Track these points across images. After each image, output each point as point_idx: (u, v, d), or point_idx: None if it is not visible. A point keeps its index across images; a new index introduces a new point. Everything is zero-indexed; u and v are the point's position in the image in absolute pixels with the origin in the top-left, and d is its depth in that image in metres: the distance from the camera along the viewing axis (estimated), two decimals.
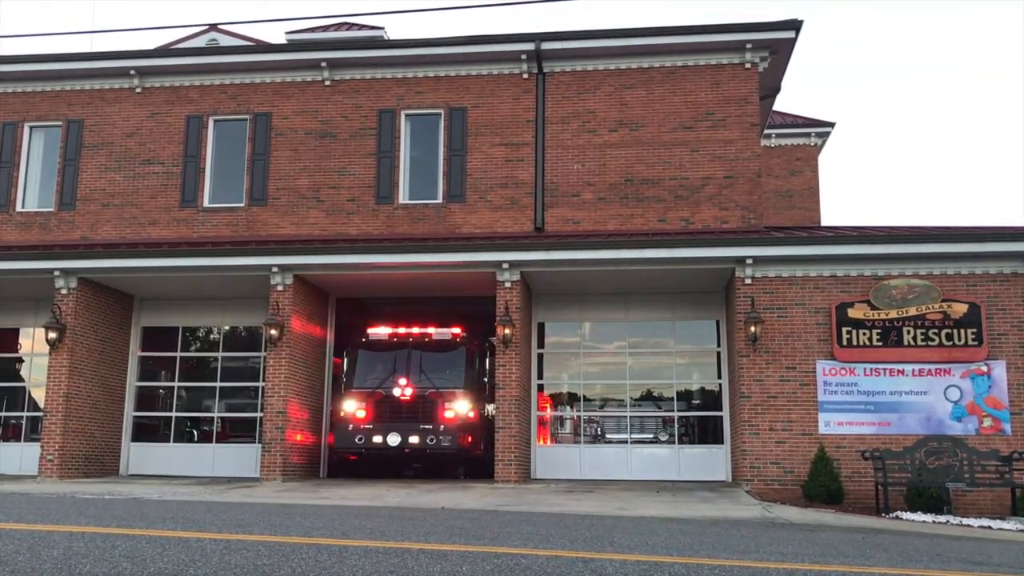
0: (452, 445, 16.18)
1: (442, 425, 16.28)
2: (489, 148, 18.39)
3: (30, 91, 19.92)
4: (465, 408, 16.59)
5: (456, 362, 17.02)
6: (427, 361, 16.90)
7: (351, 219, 18.49)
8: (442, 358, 16.97)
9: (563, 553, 5.30)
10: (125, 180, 19.18)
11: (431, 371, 16.76)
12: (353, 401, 16.92)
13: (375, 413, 16.62)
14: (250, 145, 19.10)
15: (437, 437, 16.18)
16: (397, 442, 16.23)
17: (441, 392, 16.60)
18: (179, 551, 4.50)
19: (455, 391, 16.68)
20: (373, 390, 16.88)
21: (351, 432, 16.66)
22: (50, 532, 5.24)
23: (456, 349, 17.16)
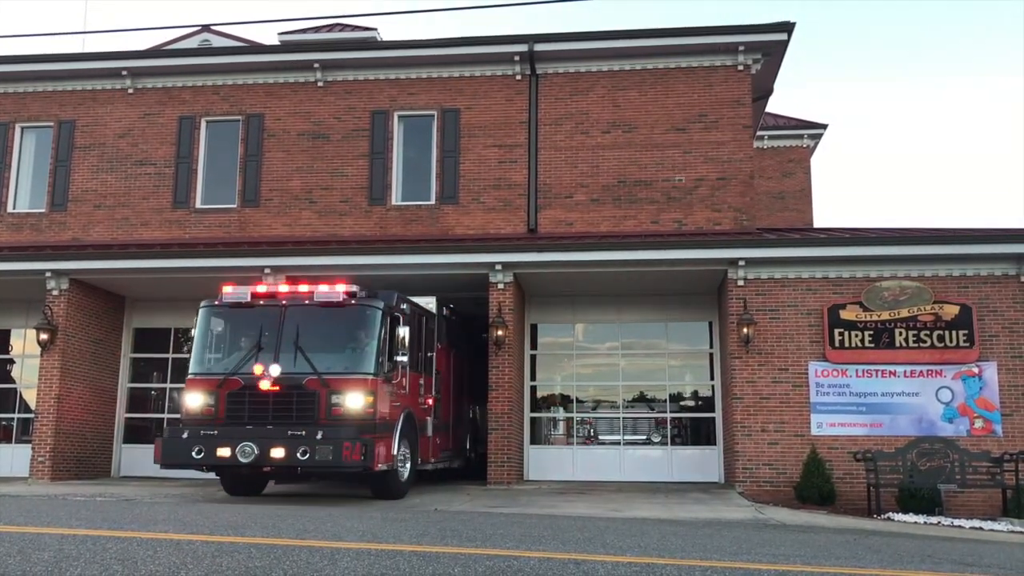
0: (338, 458, 11.00)
1: (322, 430, 11.26)
2: (482, 149, 18.39)
3: (21, 92, 19.85)
4: (361, 402, 11.49)
5: (355, 335, 12.16)
6: (308, 334, 11.96)
7: (344, 220, 18.47)
8: (332, 330, 12.17)
9: (555, 555, 5.31)
10: (117, 181, 19.13)
11: (314, 348, 11.77)
12: (196, 395, 11.95)
13: (226, 411, 11.74)
14: (243, 146, 19.07)
15: (313, 447, 11.07)
16: (251, 457, 11.12)
17: (327, 379, 11.55)
18: (170, 553, 4.49)
19: (350, 377, 11.64)
20: (224, 377, 11.83)
21: (186, 441, 11.45)
22: (40, 535, 5.21)
23: (354, 317, 12.23)
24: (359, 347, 12.13)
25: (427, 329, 14.25)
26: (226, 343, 12.55)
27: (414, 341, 13.20)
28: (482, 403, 17.12)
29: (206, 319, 12.64)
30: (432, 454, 14.43)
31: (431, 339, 14.46)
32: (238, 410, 11.69)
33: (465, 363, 17.21)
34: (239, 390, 11.71)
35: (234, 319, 12.48)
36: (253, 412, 11.60)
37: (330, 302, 12.15)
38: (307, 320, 12.04)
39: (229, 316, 12.52)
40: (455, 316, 16.57)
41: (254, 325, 12.21)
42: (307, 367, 11.62)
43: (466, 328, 17.32)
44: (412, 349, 13.02)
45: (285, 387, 11.55)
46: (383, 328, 12.17)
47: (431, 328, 14.48)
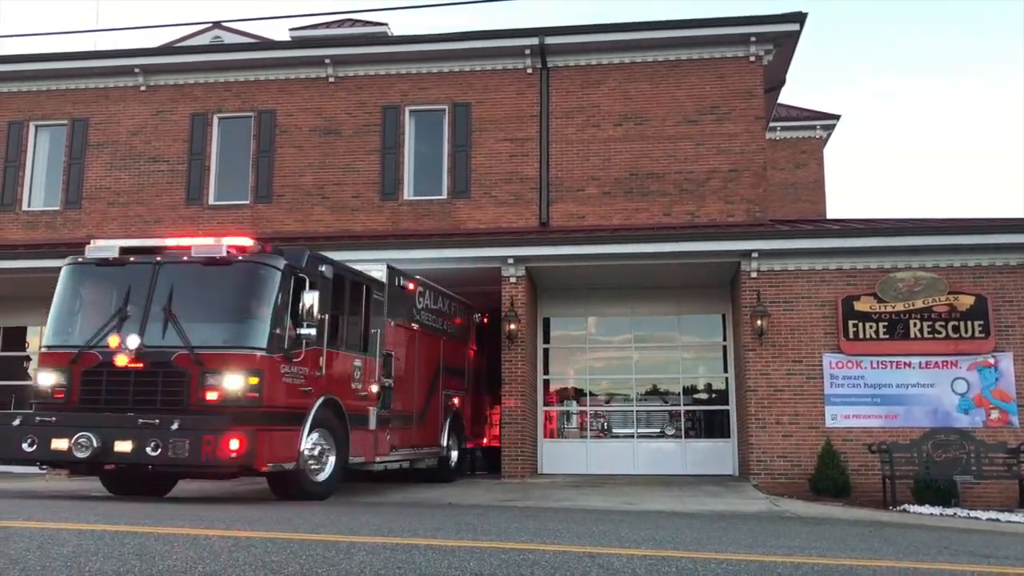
0: (196, 455, 8.87)
1: (182, 419, 9.05)
2: (493, 143, 18.39)
3: (35, 90, 19.96)
4: (241, 384, 9.22)
5: (242, 301, 9.77)
6: (186, 298, 9.66)
7: (356, 216, 18.51)
8: (216, 293, 9.85)
9: (570, 548, 5.31)
10: (131, 178, 19.21)
11: (192, 316, 9.55)
12: (48, 372, 9.85)
13: (80, 393, 9.59)
14: (255, 142, 19.13)
15: (166, 441, 8.91)
16: (88, 451, 9.03)
17: (200, 355, 9.27)
18: (187, 548, 4.52)
19: (229, 353, 9.35)
20: (79, 351, 9.66)
21: (16, 430, 9.42)
22: (59, 530, 5.26)
23: (243, 277, 9.77)
24: (247, 315, 9.59)
25: (372, 302, 11.84)
26: (90, 309, 10.12)
27: (344, 313, 11.04)
28: (481, 395, 16.87)
29: (68, 280, 10.30)
30: (380, 450, 11.89)
31: (378, 313, 11.99)
32: (94, 392, 9.47)
33: (453, 350, 15.24)
34: (95, 367, 9.49)
35: (101, 280, 10.11)
36: (111, 395, 9.37)
37: (212, 258, 9.74)
38: (186, 281, 9.73)
39: (96, 276, 10.16)
40: (430, 292, 14.35)
41: (123, 287, 9.80)
42: (178, 339, 9.34)
43: (461, 311, 15.83)
44: (341, 323, 10.92)
45: (150, 364, 9.31)
46: (282, 293, 9.69)
47: (378, 301, 12.03)
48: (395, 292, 12.80)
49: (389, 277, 12.62)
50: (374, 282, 12.13)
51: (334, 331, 10.85)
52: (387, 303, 12.40)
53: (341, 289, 11.15)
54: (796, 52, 18.35)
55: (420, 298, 13.91)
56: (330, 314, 10.64)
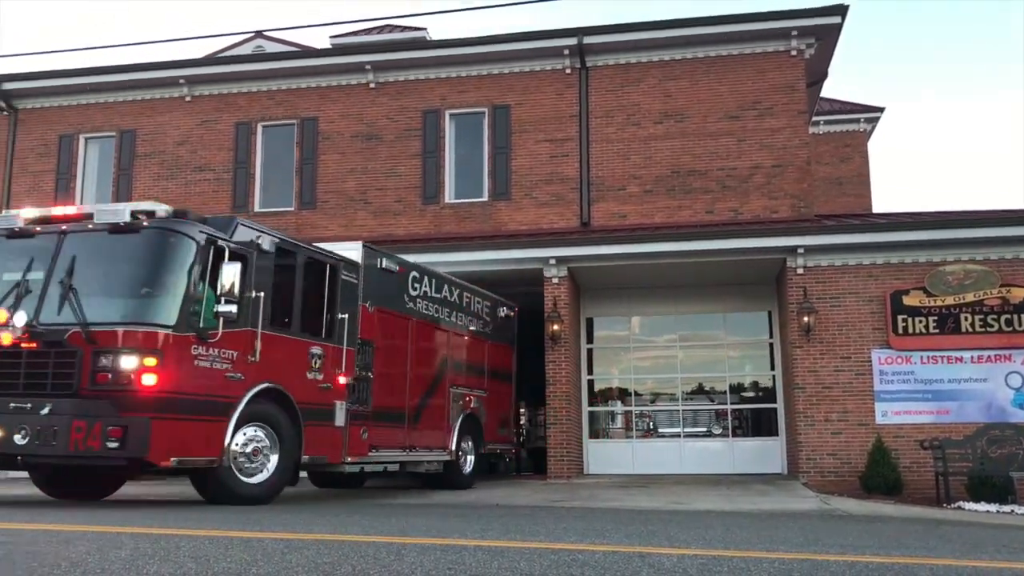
0: (63, 445, 7.96)
1: (54, 404, 8.11)
2: (533, 144, 18.40)
3: (84, 103, 20.39)
4: (134, 364, 8.11)
5: (149, 272, 8.60)
6: (89, 270, 8.66)
7: (398, 220, 18.64)
8: (121, 265, 8.75)
9: (620, 548, 5.30)
10: (178, 188, 19.53)
11: (93, 289, 8.55)
12: None
13: None
14: (298, 150, 19.35)
15: (35, 428, 8.04)
16: None
17: (93, 332, 8.22)
18: (241, 551, 4.59)
19: (125, 330, 8.25)
20: None
21: None
22: (117, 534, 5.37)
23: (149, 246, 8.68)
24: (151, 289, 8.53)
25: (341, 283, 10.65)
26: None
27: (296, 293, 9.95)
28: (507, 395, 15.37)
29: None
30: (353, 450, 10.71)
31: (349, 297, 10.79)
32: None
33: (468, 345, 14.02)
34: None
35: (5, 252, 9.16)
36: (3, 377, 8.40)
37: (117, 225, 8.67)
38: (90, 251, 8.75)
39: (2, 249, 9.22)
40: (432, 280, 12.97)
41: (27, 259, 8.91)
42: (73, 314, 8.36)
43: (483, 305, 14.64)
44: (292, 304, 9.89)
45: (43, 344, 8.33)
46: (197, 264, 8.66)
47: (349, 283, 10.81)
48: (376, 275, 11.37)
49: (367, 258, 11.17)
50: (343, 262, 10.74)
51: (281, 312, 9.67)
52: (363, 286, 10.99)
53: (289, 266, 9.90)
54: (838, 45, 18.12)
55: (415, 284, 12.42)
56: (272, 293, 9.45)
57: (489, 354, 14.62)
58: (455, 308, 13.63)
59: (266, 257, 9.52)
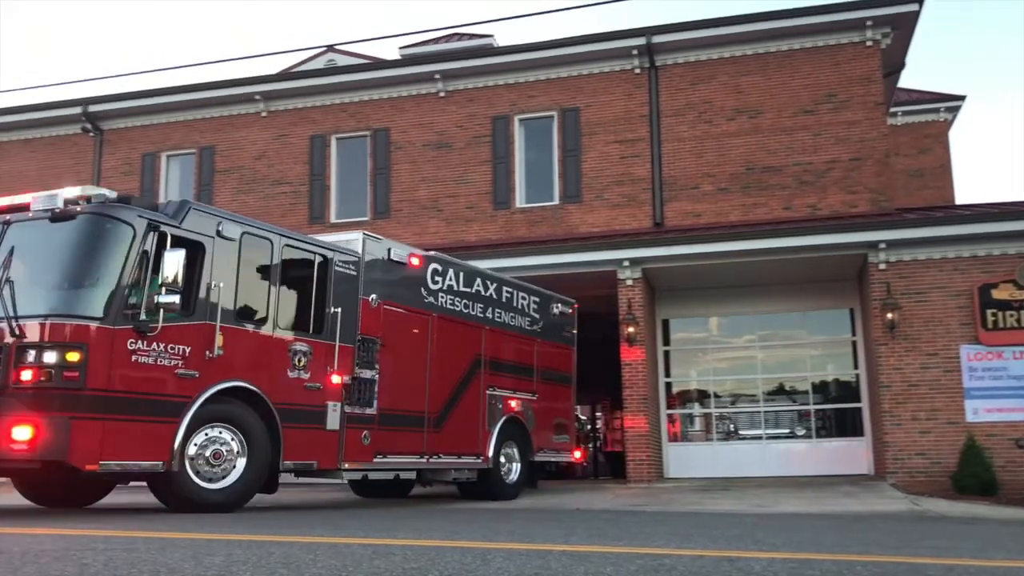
0: None
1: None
2: (603, 146, 18.33)
3: (165, 122, 21.02)
4: (54, 359, 7.59)
5: (82, 261, 8.09)
6: (28, 260, 8.26)
7: (470, 226, 18.75)
8: (57, 254, 8.22)
9: (707, 552, 5.23)
10: (256, 202, 19.98)
11: (31, 279, 8.15)
12: None
13: None
14: (371, 160, 19.63)
15: None
16: None
17: (19, 325, 7.72)
18: (330, 556, 4.66)
19: (50, 322, 7.71)
20: None
21: None
22: (210, 540, 5.50)
23: (84, 233, 8.11)
24: (81, 278, 8.05)
25: (334, 275, 9.90)
26: None
27: (273, 285, 9.26)
28: (564, 398, 14.09)
29: None
30: (351, 455, 9.93)
31: (346, 290, 10.03)
32: None
33: (511, 343, 12.96)
34: None
35: None
36: None
37: (52, 212, 8.19)
38: (29, 241, 8.32)
39: None
40: (459, 273, 11.97)
41: None
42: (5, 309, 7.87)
43: (530, 301, 13.49)
44: (268, 297, 9.20)
45: None
46: (133, 252, 8.06)
47: (345, 275, 10.04)
48: (384, 268, 10.62)
49: (370, 249, 10.42)
50: (337, 253, 10.02)
51: (252, 305, 9.06)
52: (365, 279, 10.23)
53: (264, 256, 9.26)
54: (915, 33, 17.62)
55: (436, 278, 11.47)
56: (240, 284, 8.86)
57: (540, 354, 13.48)
58: (492, 304, 12.49)
59: (230, 245, 8.83)
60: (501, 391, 12.49)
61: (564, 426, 14.06)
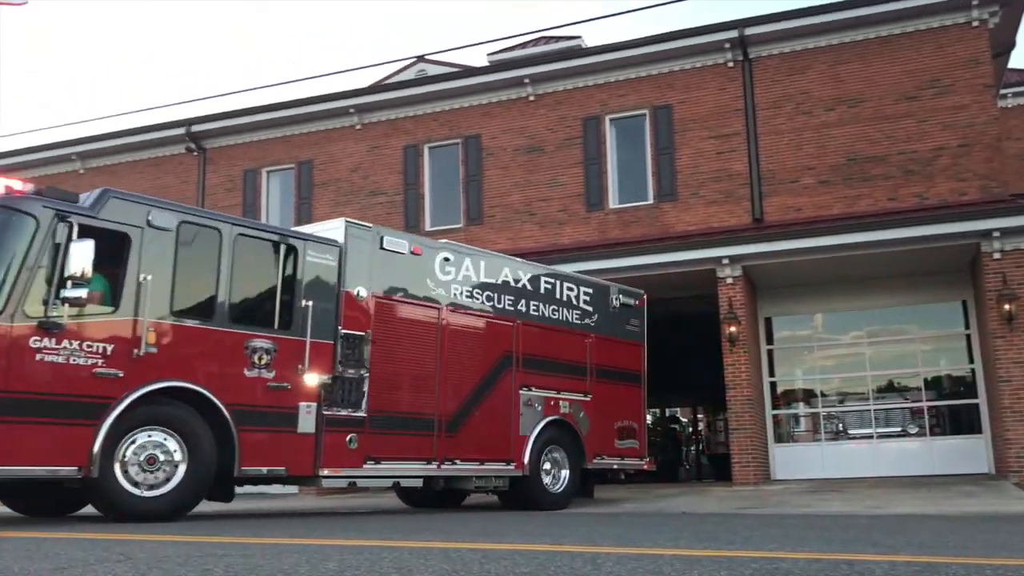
0: None
1: None
2: (698, 143, 18.04)
3: (264, 139, 21.64)
4: None
5: None
6: None
7: (563, 229, 18.71)
8: None
9: (823, 555, 5.06)
10: (354, 212, 20.35)
11: None
12: None
13: None
14: (463, 167, 19.80)
15: None
16: None
17: None
18: (440, 561, 4.68)
19: None
20: None
21: None
22: (323, 546, 5.60)
23: None
24: None
25: (306, 265, 9.24)
26: None
27: (223, 277, 8.67)
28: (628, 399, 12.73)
29: None
30: (334, 461, 9.22)
31: (322, 282, 9.37)
32: None
33: (555, 340, 11.76)
34: None
35: None
36: None
37: None
38: None
39: None
40: (479, 263, 11.04)
41: None
42: None
43: (578, 292, 12.27)
44: (216, 289, 8.62)
45: None
46: (35, 244, 7.60)
47: (321, 265, 9.36)
48: (373, 257, 9.80)
49: (354, 237, 9.65)
50: (309, 241, 9.36)
51: (197, 299, 8.57)
52: (349, 269, 9.49)
53: (211, 246, 8.66)
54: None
55: (447, 268, 10.55)
56: (179, 276, 8.33)
57: (595, 350, 12.22)
58: (526, 296, 11.42)
59: (164, 236, 8.29)
60: (540, 391, 11.39)
61: (630, 430, 12.74)
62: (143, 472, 7.91)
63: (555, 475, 11.48)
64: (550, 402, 11.48)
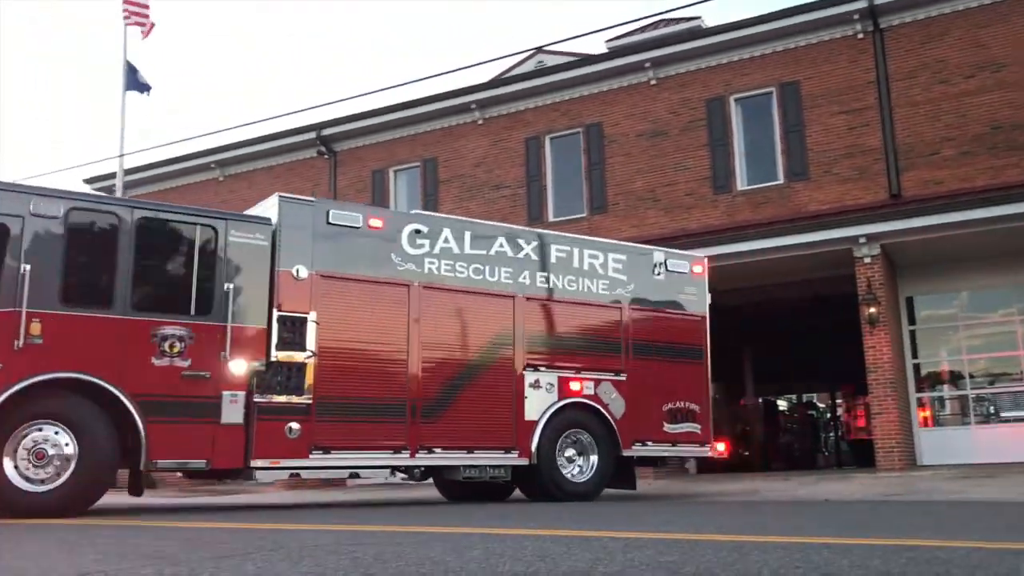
0: None
1: None
2: (828, 118, 17.43)
3: (391, 139, 22.16)
4: None
5: None
6: None
7: (691, 213, 18.41)
8: None
9: (983, 544, 4.82)
10: (478, 207, 20.62)
11: None
12: None
13: None
14: (585, 157, 19.74)
15: None
16: None
17: None
18: (583, 549, 4.70)
19: None
20: None
21: None
22: (467, 534, 5.72)
23: None
24: None
25: (228, 246, 8.79)
26: None
27: (123, 263, 8.28)
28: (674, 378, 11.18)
29: None
30: (271, 451, 8.71)
31: (246, 262, 8.85)
32: None
33: (574, 313, 10.73)
34: None
35: None
36: None
37: None
38: None
39: None
40: (461, 233, 10.16)
41: None
42: None
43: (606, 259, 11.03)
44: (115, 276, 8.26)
45: None
46: None
47: (249, 246, 8.89)
48: (320, 233, 9.20)
49: (292, 214, 9.12)
50: (231, 220, 8.94)
51: (92, 287, 8.30)
52: (283, 248, 8.96)
53: (108, 231, 8.35)
54: None
55: (420, 241, 9.80)
56: (69, 264, 8.08)
57: (632, 324, 10.96)
58: (530, 267, 10.44)
59: (51, 223, 8.02)
60: (552, 371, 10.35)
61: (687, 412, 11.27)
62: (34, 467, 7.71)
63: (580, 464, 10.45)
64: (567, 383, 10.43)
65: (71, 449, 7.78)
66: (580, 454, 10.41)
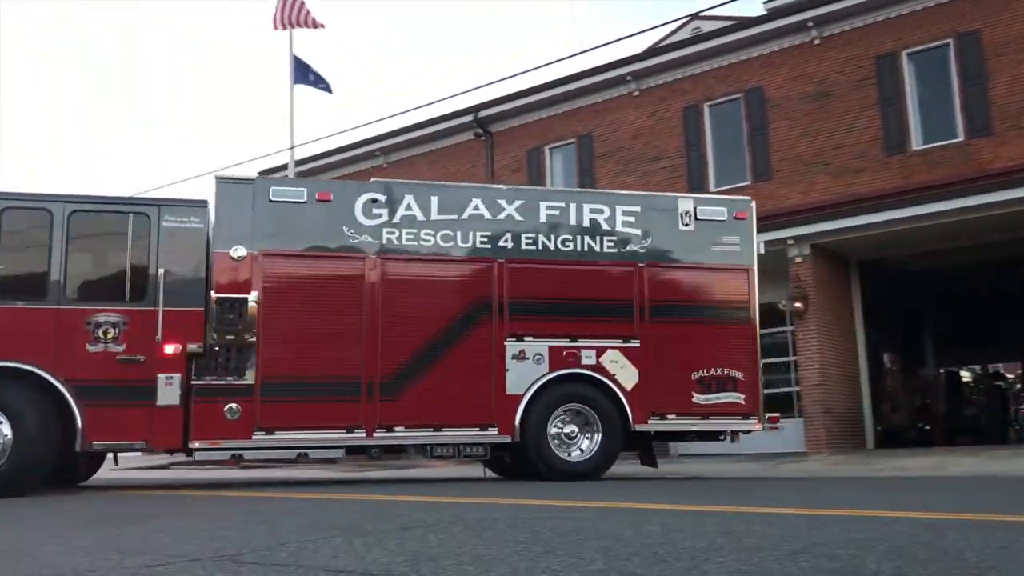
0: None
1: None
2: (1014, 68, 16.19)
3: (545, 117, 22.22)
4: None
5: None
6: None
7: (861, 177, 17.55)
8: None
9: None
10: (635, 180, 20.38)
11: None
12: None
13: None
14: (747, 123, 19.16)
15: None
16: None
17: None
18: (764, 526, 4.61)
19: None
20: None
21: None
22: (644, 509, 5.72)
23: None
24: None
25: (160, 232, 9.00)
26: None
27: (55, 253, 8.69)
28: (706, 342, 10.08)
29: None
30: (211, 433, 8.85)
31: (179, 246, 9.01)
32: None
33: (554, 275, 9.86)
34: None
35: None
36: None
37: None
38: None
39: None
40: (427, 197, 9.76)
41: None
42: None
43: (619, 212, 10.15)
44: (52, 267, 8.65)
45: None
46: None
47: (178, 230, 9.06)
48: (260, 211, 9.15)
49: (223, 192, 9.17)
50: (163, 206, 9.09)
51: (19, 279, 8.73)
52: (220, 230, 9.07)
53: (36, 227, 8.76)
54: None
55: (377, 211, 9.49)
56: (1, 260, 8.60)
57: (650, 283, 9.98)
58: (514, 228, 9.81)
59: None
60: (542, 340, 9.61)
61: (727, 380, 10.04)
62: None
63: (578, 441, 9.69)
64: (561, 353, 9.63)
65: (8, 435, 8.21)
66: (581, 430, 9.70)
